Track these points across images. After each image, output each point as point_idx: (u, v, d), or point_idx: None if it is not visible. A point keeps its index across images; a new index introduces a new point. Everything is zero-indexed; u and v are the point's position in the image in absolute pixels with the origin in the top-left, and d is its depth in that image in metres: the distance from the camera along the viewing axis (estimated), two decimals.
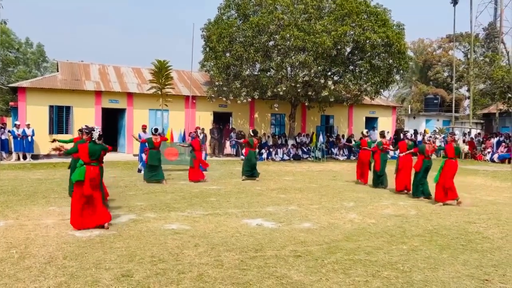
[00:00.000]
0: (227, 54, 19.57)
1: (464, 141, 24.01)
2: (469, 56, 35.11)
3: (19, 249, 5.40)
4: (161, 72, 17.98)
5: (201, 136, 17.54)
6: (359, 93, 21.18)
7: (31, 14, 68.82)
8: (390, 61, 20.21)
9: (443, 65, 44.55)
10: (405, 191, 10.74)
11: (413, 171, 10.33)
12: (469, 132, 27.43)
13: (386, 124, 26.61)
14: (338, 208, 8.70)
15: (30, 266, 4.78)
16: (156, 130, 12.24)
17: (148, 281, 4.42)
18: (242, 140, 15.05)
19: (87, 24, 78.19)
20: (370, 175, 12.27)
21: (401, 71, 21.49)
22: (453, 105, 31.28)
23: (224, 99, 20.77)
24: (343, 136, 24.11)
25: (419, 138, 22.16)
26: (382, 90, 22.09)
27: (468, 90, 34.58)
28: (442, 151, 9.68)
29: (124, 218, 7.33)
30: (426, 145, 9.92)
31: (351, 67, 20.87)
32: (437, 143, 24.38)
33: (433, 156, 11.60)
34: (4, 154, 18.03)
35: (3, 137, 18.08)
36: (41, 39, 73.88)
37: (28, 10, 68.25)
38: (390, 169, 11.77)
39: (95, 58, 71.06)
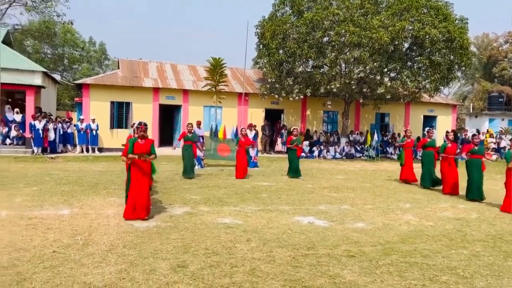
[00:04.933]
0: (280, 51, 19.54)
1: None
2: None
3: (83, 236, 5.74)
4: (216, 69, 18.32)
5: (252, 133, 17.66)
6: (417, 90, 20.37)
7: (94, 14, 72.58)
8: (451, 57, 19.29)
9: (510, 61, 41.78)
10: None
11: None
12: None
13: (445, 123, 25.43)
14: (393, 209, 8.44)
15: (93, 253, 5.06)
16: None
17: (203, 272, 4.53)
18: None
19: (146, 23, 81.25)
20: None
21: (463, 68, 20.44)
22: None
23: (276, 96, 20.78)
24: (399, 134, 23.31)
25: (482, 138, 21.03)
26: (442, 88, 21.14)
27: None
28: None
29: (179, 210, 7.56)
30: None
31: (409, 64, 20.15)
32: (503, 143, 23.00)
33: (494, 157, 10.97)
34: (69, 147, 19.22)
35: (69, 130, 19.28)
36: (103, 38, 77.73)
37: (90, 10, 72.06)
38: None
39: (153, 56, 73.76)
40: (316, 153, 20.46)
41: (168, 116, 22.89)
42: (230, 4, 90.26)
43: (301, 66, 20.31)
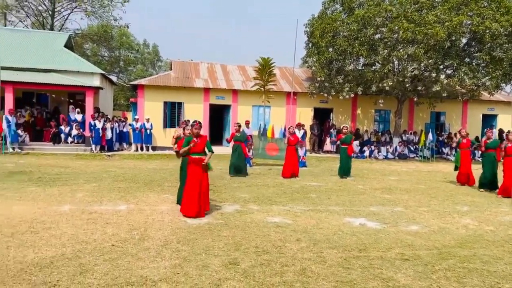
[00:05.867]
0: (330, 49, 19.29)
1: None
2: None
3: (139, 232, 5.97)
4: (265, 69, 18.43)
5: (301, 133, 17.59)
6: (475, 88, 19.35)
7: (147, 16, 75.28)
8: None
9: None
10: None
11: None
12: None
13: (507, 122, 23.93)
14: (450, 212, 8.08)
15: (149, 248, 5.26)
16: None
17: (254, 270, 4.58)
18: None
19: (196, 25, 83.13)
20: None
21: None
22: None
23: (325, 95, 20.53)
24: (455, 134, 22.24)
25: None
26: (504, 85, 19.94)
27: None
28: None
29: (229, 208, 7.68)
30: None
31: (467, 60, 19.20)
32: None
33: None
34: (125, 145, 20.09)
35: (124, 130, 20.15)
36: (156, 40, 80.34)
37: (144, 13, 74.76)
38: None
39: (203, 57, 75.37)
40: (367, 153, 20.01)
41: (218, 115, 23.28)
42: (279, 3, 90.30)
43: (352, 64, 19.95)
